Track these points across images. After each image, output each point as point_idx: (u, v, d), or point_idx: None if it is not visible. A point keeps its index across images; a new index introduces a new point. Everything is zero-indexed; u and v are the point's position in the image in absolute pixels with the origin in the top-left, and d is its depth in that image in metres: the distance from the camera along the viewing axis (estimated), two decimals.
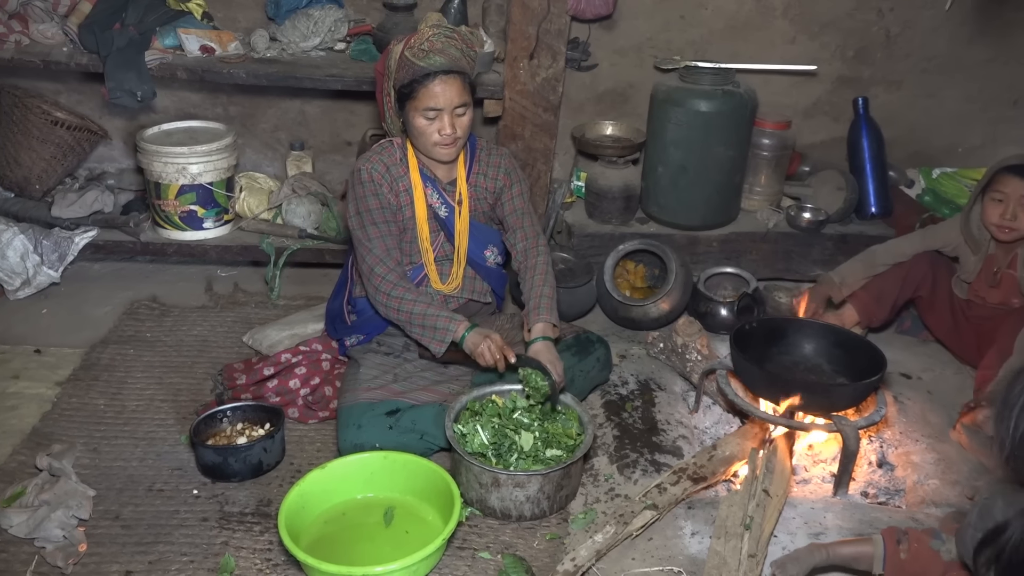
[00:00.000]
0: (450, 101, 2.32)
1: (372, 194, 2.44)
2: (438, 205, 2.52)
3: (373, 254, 2.43)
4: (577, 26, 3.41)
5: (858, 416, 2.45)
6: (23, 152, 3.29)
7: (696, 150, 3.26)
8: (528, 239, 2.60)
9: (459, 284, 2.60)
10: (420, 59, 2.27)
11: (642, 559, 2.12)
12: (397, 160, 2.49)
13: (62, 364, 2.83)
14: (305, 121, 3.75)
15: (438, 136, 2.36)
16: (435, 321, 2.36)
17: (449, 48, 2.29)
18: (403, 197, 2.49)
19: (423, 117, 2.34)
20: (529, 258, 2.58)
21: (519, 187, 2.60)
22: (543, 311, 2.46)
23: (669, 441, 2.57)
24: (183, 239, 3.30)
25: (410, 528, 2.15)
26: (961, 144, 3.86)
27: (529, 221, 2.61)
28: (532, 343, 2.41)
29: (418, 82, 2.30)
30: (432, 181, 2.51)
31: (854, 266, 2.98)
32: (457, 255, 2.57)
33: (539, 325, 2.44)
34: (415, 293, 2.42)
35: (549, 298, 2.49)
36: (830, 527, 2.23)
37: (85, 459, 2.39)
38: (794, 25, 3.56)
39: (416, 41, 2.29)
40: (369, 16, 3.50)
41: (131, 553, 2.08)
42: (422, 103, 2.32)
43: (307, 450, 2.48)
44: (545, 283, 2.52)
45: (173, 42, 3.24)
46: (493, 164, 2.57)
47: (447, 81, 2.30)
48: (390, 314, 2.43)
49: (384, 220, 2.45)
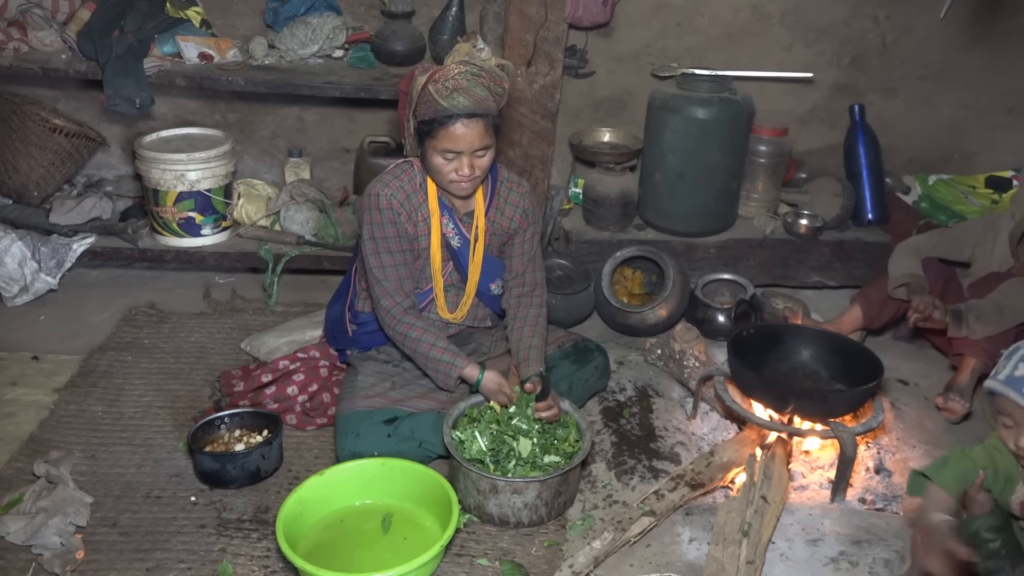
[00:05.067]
0: (470, 145, 2.21)
1: (390, 222, 2.35)
2: (452, 235, 2.45)
3: (382, 285, 2.39)
4: (574, 33, 3.42)
5: (855, 422, 2.46)
6: (21, 159, 3.29)
7: (693, 157, 3.27)
8: (526, 286, 2.55)
9: (464, 315, 2.57)
10: (443, 98, 2.16)
11: (640, 566, 2.12)
12: (416, 186, 2.39)
13: (60, 371, 2.82)
14: (303, 128, 3.76)
15: (455, 176, 2.27)
16: (437, 364, 2.38)
17: (475, 88, 2.17)
18: (421, 227, 2.41)
19: (441, 157, 2.24)
20: (522, 307, 2.53)
21: (533, 230, 2.54)
22: (532, 363, 2.40)
23: (667, 447, 2.57)
24: (181, 246, 3.30)
25: (408, 535, 2.15)
26: (957, 151, 3.87)
27: (532, 268, 2.55)
28: (528, 379, 2.38)
29: (439, 123, 2.18)
30: (449, 210, 2.43)
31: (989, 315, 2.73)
32: (467, 289, 2.52)
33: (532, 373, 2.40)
34: (420, 329, 2.39)
35: (538, 349, 2.44)
36: (828, 533, 2.23)
37: (83, 466, 2.38)
38: (790, 32, 3.57)
39: (441, 76, 2.17)
40: (367, 23, 3.51)
41: (129, 560, 2.08)
42: (441, 144, 2.22)
43: (305, 457, 2.48)
44: (535, 334, 2.46)
45: (172, 49, 3.25)
46: (512, 202, 2.48)
47: (470, 124, 2.19)
48: (397, 339, 2.43)
49: (400, 249, 2.39)
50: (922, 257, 2.95)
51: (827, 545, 2.19)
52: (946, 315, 2.72)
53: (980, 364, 2.70)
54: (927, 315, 2.72)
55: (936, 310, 2.72)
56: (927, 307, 2.72)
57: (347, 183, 3.70)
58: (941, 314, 2.71)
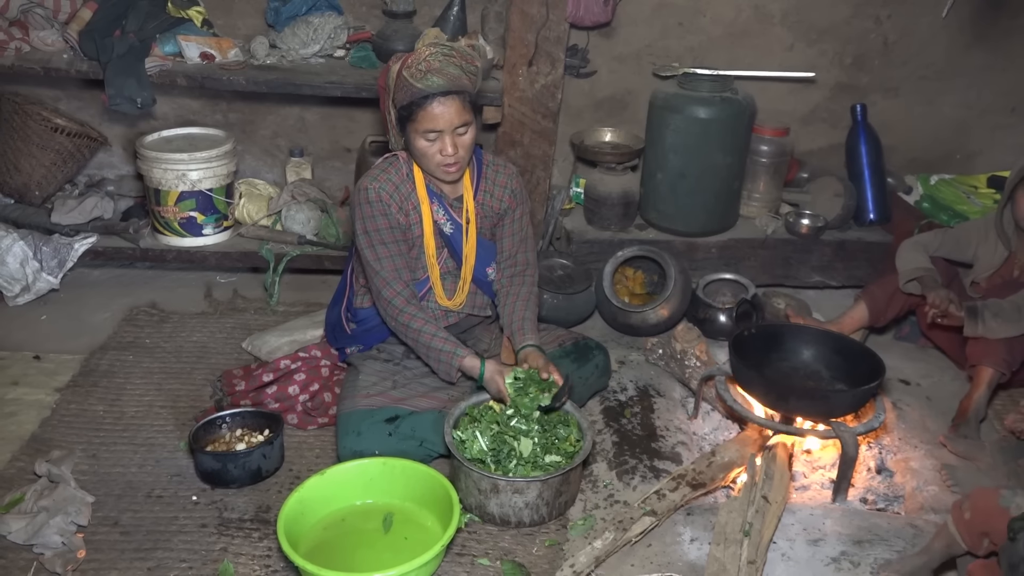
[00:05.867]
0: (450, 122, 2.26)
1: (381, 214, 2.38)
2: (443, 221, 2.48)
3: (381, 276, 2.41)
4: (576, 33, 3.43)
5: (857, 422, 2.45)
6: (23, 158, 3.29)
7: (695, 157, 3.27)
8: (517, 266, 2.59)
9: (463, 301, 2.58)
10: (418, 80, 2.21)
11: (641, 565, 2.12)
12: (404, 176, 2.43)
13: (61, 370, 2.83)
14: (304, 128, 3.76)
15: (440, 157, 2.31)
16: (439, 355, 2.38)
17: (447, 67, 2.22)
18: (412, 216, 2.44)
19: (424, 139, 2.29)
20: (514, 284, 2.57)
21: (522, 209, 2.58)
22: (528, 332, 2.45)
23: (668, 447, 2.57)
24: (182, 245, 3.30)
25: (409, 534, 2.15)
26: (959, 151, 3.87)
27: (523, 249, 2.59)
28: (522, 348, 2.42)
29: (417, 104, 2.24)
30: (438, 197, 2.47)
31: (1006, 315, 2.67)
32: (463, 274, 2.54)
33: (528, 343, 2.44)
34: (422, 320, 2.40)
35: (531, 321, 2.47)
36: (829, 533, 2.23)
37: (84, 465, 2.39)
38: (792, 32, 3.57)
39: (413, 61, 2.22)
40: (369, 23, 3.51)
41: (130, 559, 2.08)
42: (422, 125, 2.27)
43: (306, 456, 2.48)
44: (527, 308, 2.51)
45: (173, 49, 3.25)
46: (500, 184, 2.53)
47: (446, 102, 2.24)
48: (399, 330, 2.44)
49: (393, 240, 2.41)
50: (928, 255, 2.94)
51: (828, 545, 2.19)
52: (961, 310, 2.68)
53: (996, 375, 2.66)
54: (943, 310, 2.69)
55: (952, 304, 2.69)
56: (943, 301, 2.69)
57: (348, 183, 3.71)
58: (957, 308, 2.68)
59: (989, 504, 1.89)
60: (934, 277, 2.83)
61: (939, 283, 2.81)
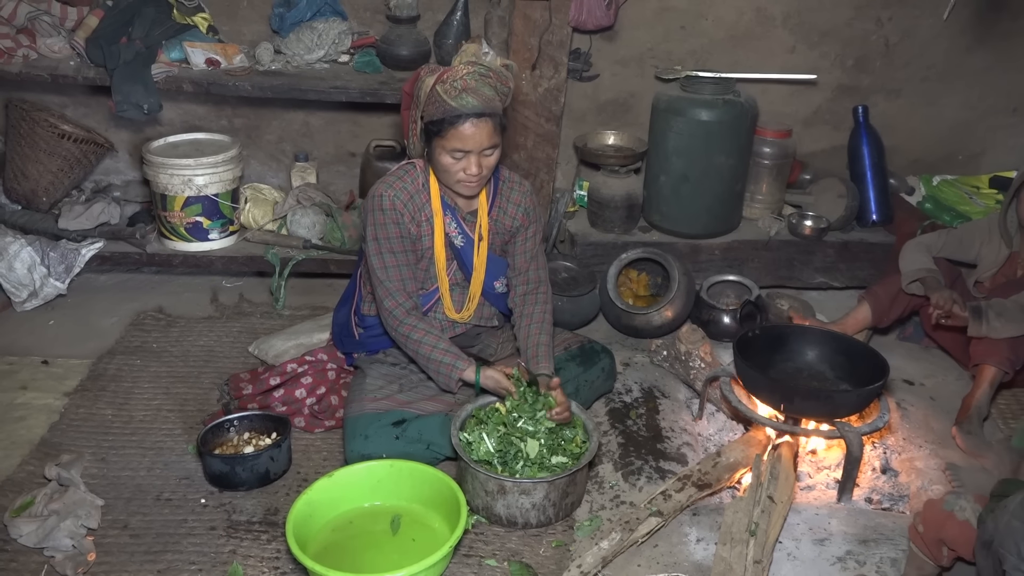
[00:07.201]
0: (479, 144, 2.23)
1: (393, 222, 2.36)
2: (455, 234, 2.46)
3: (384, 286, 2.40)
4: (579, 37, 3.44)
5: (861, 422, 2.46)
6: (30, 165, 3.31)
7: (697, 159, 3.28)
8: (530, 284, 2.57)
9: (471, 314, 2.57)
10: (452, 98, 2.17)
11: (648, 566, 2.13)
12: (419, 186, 2.40)
13: (69, 375, 2.84)
14: (309, 133, 3.78)
15: (463, 175, 2.29)
16: (439, 366, 2.38)
17: (483, 88, 2.19)
18: (424, 227, 2.42)
19: (450, 156, 2.26)
20: (527, 304, 2.55)
21: (535, 227, 2.56)
22: (541, 360, 2.43)
23: (673, 448, 2.58)
24: (189, 250, 3.31)
25: (417, 536, 2.16)
26: (961, 151, 3.88)
27: (535, 266, 2.57)
28: (539, 376, 2.41)
29: (449, 122, 2.20)
30: (452, 210, 2.44)
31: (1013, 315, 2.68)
32: (471, 288, 2.53)
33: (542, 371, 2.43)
34: (422, 331, 2.39)
35: (546, 346, 2.46)
36: (834, 533, 2.24)
37: (93, 469, 2.40)
38: (794, 34, 3.58)
39: (449, 77, 2.19)
40: (372, 28, 3.53)
41: (139, 562, 2.10)
42: (450, 143, 2.23)
43: (313, 459, 2.50)
44: (542, 331, 2.49)
45: (179, 55, 3.27)
46: (514, 201, 2.51)
47: (479, 124, 2.20)
48: (399, 340, 2.44)
49: (403, 250, 2.40)
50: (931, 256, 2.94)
51: (834, 545, 2.20)
52: (965, 310, 2.69)
53: (1000, 374, 2.67)
54: (947, 310, 2.69)
55: (955, 304, 2.69)
56: (947, 302, 2.69)
57: (353, 187, 3.72)
58: (961, 308, 2.68)
59: (936, 513, 1.93)
60: (937, 278, 2.83)
61: (942, 284, 2.81)
